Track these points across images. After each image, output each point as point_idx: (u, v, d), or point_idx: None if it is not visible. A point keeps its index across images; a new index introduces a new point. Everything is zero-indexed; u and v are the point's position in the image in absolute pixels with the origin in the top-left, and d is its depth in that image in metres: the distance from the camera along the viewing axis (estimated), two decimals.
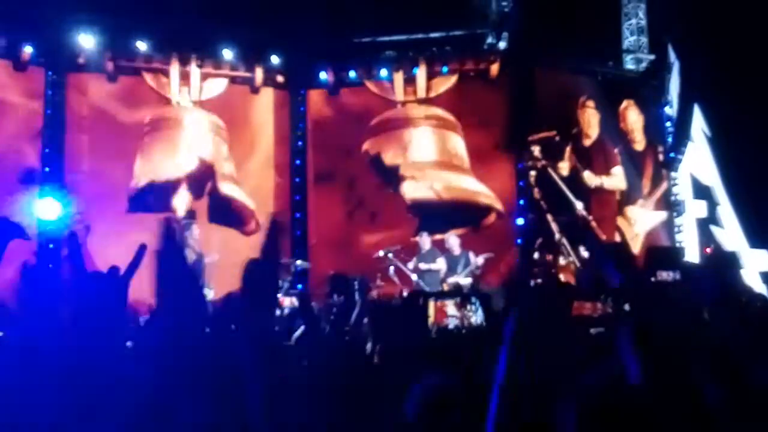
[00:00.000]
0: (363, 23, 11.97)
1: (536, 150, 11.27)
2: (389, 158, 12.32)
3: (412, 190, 12.10)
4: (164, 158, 11.89)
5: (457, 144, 12.24)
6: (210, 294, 9.67)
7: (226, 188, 12.13)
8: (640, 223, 12.08)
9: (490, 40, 12.09)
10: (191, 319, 2.79)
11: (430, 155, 12.24)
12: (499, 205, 11.83)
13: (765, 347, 2.45)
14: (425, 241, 10.74)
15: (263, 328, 2.96)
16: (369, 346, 4.71)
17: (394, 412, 2.56)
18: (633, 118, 12.25)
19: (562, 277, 10.52)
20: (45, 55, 11.28)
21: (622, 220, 11.90)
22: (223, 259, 10.19)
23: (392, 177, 12.23)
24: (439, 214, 11.78)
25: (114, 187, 11.58)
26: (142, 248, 3.37)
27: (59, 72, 11.49)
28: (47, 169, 11.24)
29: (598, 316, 7.00)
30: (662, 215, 12.31)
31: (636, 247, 11.82)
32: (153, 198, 11.67)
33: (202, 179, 12.00)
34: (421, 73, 12.25)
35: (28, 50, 11.06)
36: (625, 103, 12.25)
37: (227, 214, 12.14)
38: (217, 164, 12.11)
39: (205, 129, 12.18)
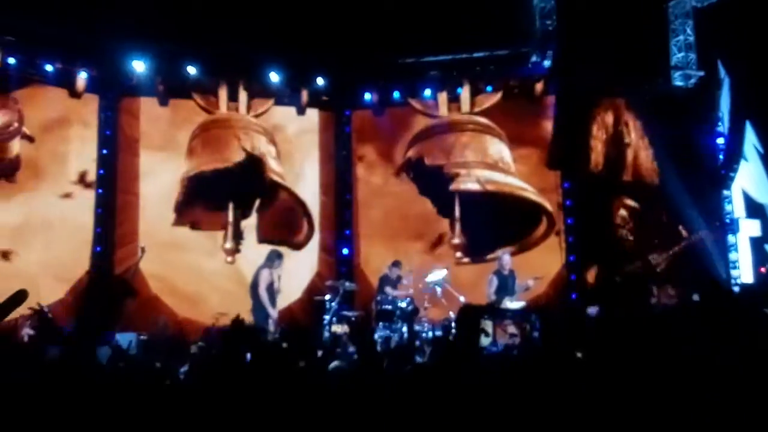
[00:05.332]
0: (407, 44, 12.00)
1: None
2: (431, 160, 12.40)
3: (457, 183, 12.20)
4: (212, 151, 12.15)
5: (503, 150, 12.26)
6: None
7: (275, 177, 12.30)
8: None
9: (534, 58, 12.02)
10: None
11: (475, 157, 12.28)
12: (548, 206, 11.86)
13: None
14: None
15: None
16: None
17: None
18: None
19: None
20: (98, 81, 11.62)
21: None
22: None
23: (436, 179, 12.26)
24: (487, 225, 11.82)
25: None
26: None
27: (112, 97, 11.84)
28: (100, 190, 11.57)
29: None
30: None
31: None
32: (201, 208, 11.99)
33: (251, 172, 12.14)
34: (465, 92, 12.27)
35: (82, 77, 11.42)
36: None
37: (277, 224, 12.33)
38: (266, 158, 12.30)
39: (253, 129, 12.42)
